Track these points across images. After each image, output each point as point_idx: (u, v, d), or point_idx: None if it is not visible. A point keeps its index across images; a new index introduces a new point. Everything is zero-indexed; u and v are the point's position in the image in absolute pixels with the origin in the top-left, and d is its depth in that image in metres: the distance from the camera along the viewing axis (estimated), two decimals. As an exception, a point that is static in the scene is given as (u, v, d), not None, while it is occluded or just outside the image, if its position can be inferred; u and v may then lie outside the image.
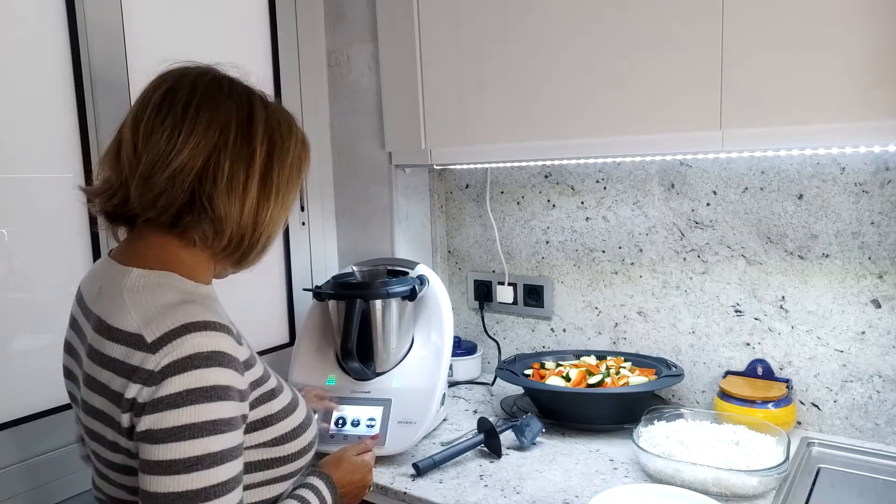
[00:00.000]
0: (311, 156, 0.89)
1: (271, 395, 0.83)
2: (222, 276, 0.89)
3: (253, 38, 1.57)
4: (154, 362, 0.69)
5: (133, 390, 0.70)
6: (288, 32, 1.62)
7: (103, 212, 0.82)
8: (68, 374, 0.87)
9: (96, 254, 1.23)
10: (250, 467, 0.80)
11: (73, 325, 0.85)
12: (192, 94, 0.77)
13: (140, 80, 0.85)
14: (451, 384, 1.66)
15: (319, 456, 1.04)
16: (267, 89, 1.67)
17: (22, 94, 1.13)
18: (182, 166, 0.75)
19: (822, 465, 1.21)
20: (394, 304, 1.34)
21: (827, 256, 1.29)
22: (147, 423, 0.68)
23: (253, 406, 0.79)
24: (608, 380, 1.36)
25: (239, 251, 0.81)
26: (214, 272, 0.86)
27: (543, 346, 1.69)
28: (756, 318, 1.38)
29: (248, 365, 0.78)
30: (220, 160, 0.76)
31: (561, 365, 1.49)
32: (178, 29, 1.37)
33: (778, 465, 1.06)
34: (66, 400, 1.18)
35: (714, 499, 1.01)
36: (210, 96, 0.78)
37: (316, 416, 1.06)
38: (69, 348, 0.86)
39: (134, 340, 0.71)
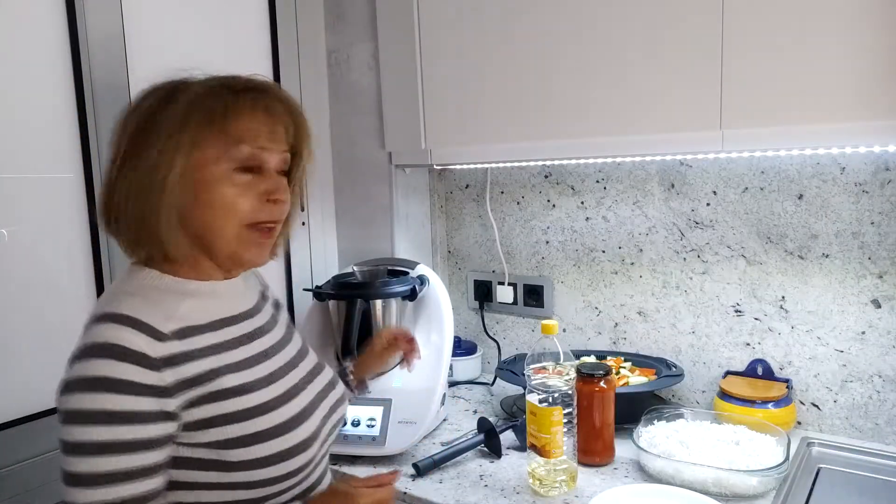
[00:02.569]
0: (233, 104, 0.78)
1: (221, 395, 0.78)
2: (230, 276, 0.87)
3: (253, 38, 1.57)
4: (76, 345, 0.74)
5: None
6: (288, 32, 1.62)
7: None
8: None
9: (96, 254, 1.23)
10: (198, 464, 0.78)
11: None
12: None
13: (140, 80, 0.85)
14: (451, 384, 1.66)
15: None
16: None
17: (22, 94, 1.13)
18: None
19: (822, 465, 1.21)
20: (394, 304, 1.34)
21: (827, 256, 1.29)
22: (56, 402, 0.73)
23: (193, 405, 0.76)
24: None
25: (121, 236, 0.80)
26: (224, 266, 0.84)
27: (543, 347, 1.69)
28: (756, 318, 1.38)
29: (170, 362, 0.74)
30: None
31: (561, 365, 1.49)
32: (177, 29, 1.37)
33: (778, 465, 1.06)
34: (66, 400, 1.20)
35: (714, 499, 1.01)
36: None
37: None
38: None
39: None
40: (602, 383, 1.19)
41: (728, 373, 1.41)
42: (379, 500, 0.89)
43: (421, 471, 1.18)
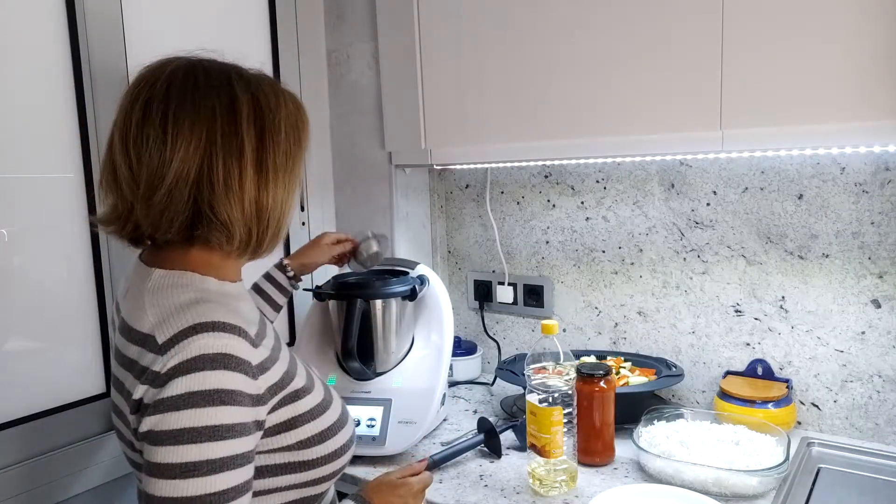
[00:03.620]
0: (306, 116, 0.83)
1: (296, 395, 0.79)
2: (255, 258, 0.86)
3: (253, 38, 1.57)
4: (161, 363, 0.68)
5: (140, 391, 0.69)
6: (288, 32, 1.62)
7: (124, 239, 0.80)
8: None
9: (96, 254, 1.23)
10: (276, 470, 0.78)
11: (114, 327, 0.85)
12: (168, 101, 0.73)
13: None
14: (451, 384, 1.66)
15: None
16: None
17: (22, 93, 1.13)
18: (176, 179, 0.72)
19: (822, 465, 1.21)
20: (394, 304, 1.34)
21: (827, 256, 1.29)
22: (149, 423, 0.67)
23: (274, 409, 0.76)
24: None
25: (251, 246, 0.78)
26: (243, 263, 0.85)
27: (543, 347, 1.69)
28: (756, 318, 1.38)
29: (263, 368, 0.74)
30: (212, 163, 0.72)
31: (561, 365, 1.49)
32: (178, 30, 1.37)
33: (778, 465, 1.06)
34: (66, 400, 1.20)
35: (714, 499, 1.01)
36: (186, 96, 0.74)
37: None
38: (114, 353, 0.85)
39: (147, 341, 0.71)
40: (602, 383, 1.19)
41: (728, 373, 1.41)
42: (426, 483, 0.98)
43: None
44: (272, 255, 0.89)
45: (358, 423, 1.26)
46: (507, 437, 1.29)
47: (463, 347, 1.73)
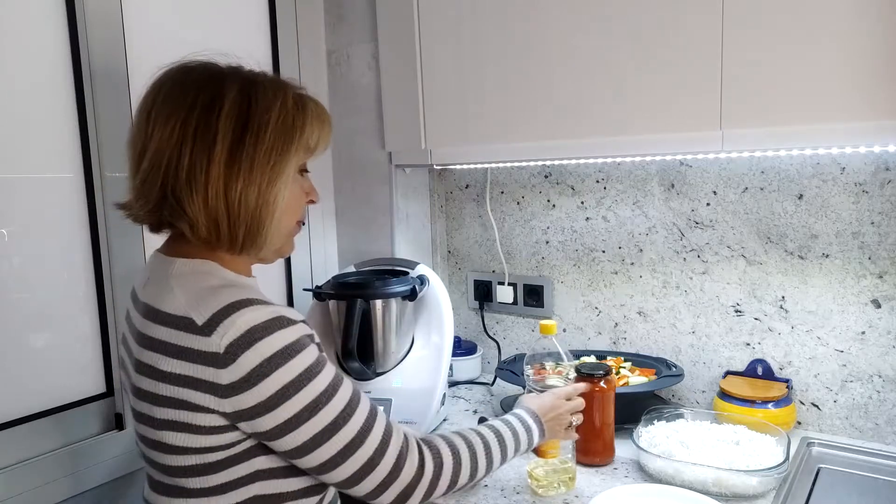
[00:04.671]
0: (320, 120, 0.84)
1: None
2: (266, 263, 0.89)
3: (253, 38, 1.57)
4: (214, 344, 0.71)
5: (203, 372, 0.72)
6: (288, 32, 1.62)
7: (137, 223, 0.83)
8: (122, 364, 0.88)
9: (96, 254, 1.23)
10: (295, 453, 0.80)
11: (127, 318, 0.87)
12: (157, 92, 0.77)
13: (140, 79, 0.85)
14: (451, 384, 1.66)
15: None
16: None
17: (22, 93, 1.13)
18: (149, 166, 0.76)
19: (822, 465, 1.21)
20: (394, 304, 1.34)
21: (827, 256, 1.29)
22: (248, 400, 0.72)
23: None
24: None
25: (224, 241, 0.78)
26: (248, 261, 0.87)
27: (543, 347, 1.69)
28: (756, 318, 1.38)
29: (307, 326, 0.80)
30: (181, 153, 0.75)
31: (561, 365, 1.49)
32: (177, 30, 1.37)
33: (778, 465, 1.06)
34: (66, 399, 1.20)
35: (714, 499, 1.01)
36: (173, 89, 0.77)
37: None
38: (123, 340, 0.88)
39: (184, 323, 0.73)
40: (602, 383, 1.19)
41: (728, 373, 1.41)
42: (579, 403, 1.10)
43: None
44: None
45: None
46: (507, 437, 1.29)
47: (463, 347, 1.73)
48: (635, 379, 1.38)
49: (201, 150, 0.75)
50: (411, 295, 1.34)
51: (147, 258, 0.95)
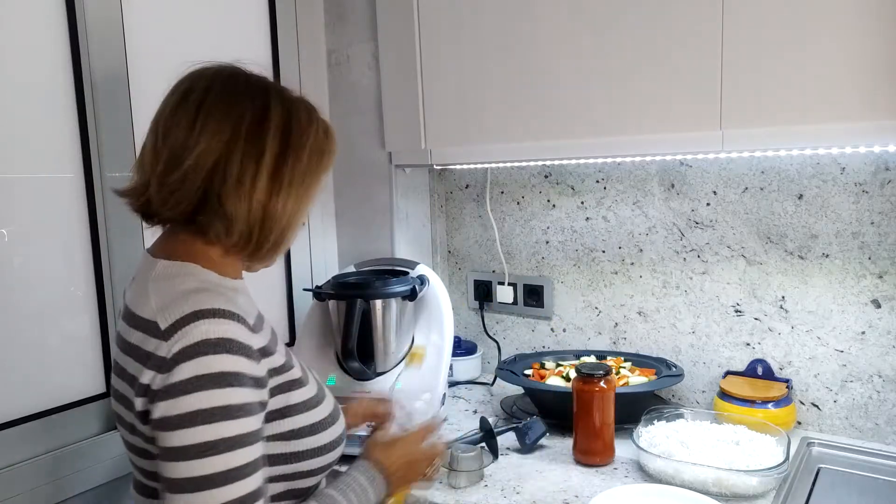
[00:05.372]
0: (335, 147, 0.89)
1: (291, 385, 0.83)
2: (253, 270, 0.89)
3: (253, 38, 1.57)
4: (166, 349, 0.71)
5: (147, 376, 0.72)
6: (288, 32, 1.62)
7: (136, 211, 0.83)
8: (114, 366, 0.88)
9: (96, 253, 1.23)
10: (268, 460, 0.79)
11: (121, 315, 0.87)
12: (206, 93, 0.79)
13: (140, 79, 0.85)
14: (451, 384, 1.66)
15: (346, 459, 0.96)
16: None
17: (22, 93, 1.13)
18: (194, 165, 0.76)
19: (822, 465, 1.21)
20: (394, 304, 1.34)
21: (827, 256, 1.29)
22: (161, 409, 0.70)
23: (273, 393, 0.79)
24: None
25: (249, 247, 0.81)
26: (242, 267, 0.87)
27: (543, 346, 1.69)
28: (756, 318, 1.38)
29: (265, 353, 0.78)
30: (230, 158, 0.77)
31: (561, 365, 1.49)
32: (178, 29, 1.37)
33: (778, 465, 1.06)
34: (67, 399, 1.20)
35: (714, 499, 1.01)
36: (224, 93, 0.79)
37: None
38: (116, 339, 0.87)
39: (150, 327, 0.74)
40: (602, 383, 1.19)
41: (728, 373, 1.41)
42: (437, 450, 1.01)
43: None
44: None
45: (358, 423, 1.26)
46: (509, 438, 1.29)
47: (463, 347, 1.73)
48: (635, 379, 1.38)
49: (251, 159, 0.77)
50: (411, 295, 1.34)
51: None
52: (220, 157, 0.76)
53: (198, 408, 0.69)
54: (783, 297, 1.34)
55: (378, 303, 1.32)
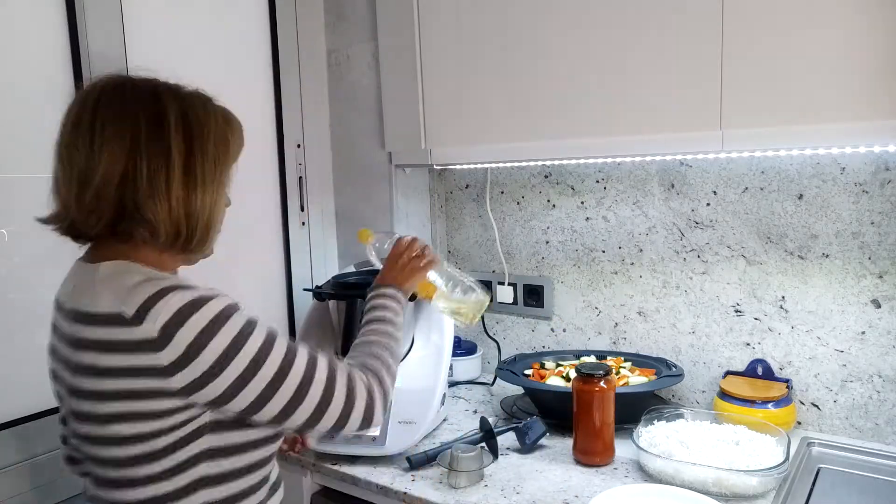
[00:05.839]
0: (239, 129, 0.90)
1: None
2: (192, 263, 0.92)
3: (253, 38, 1.57)
4: (147, 331, 0.75)
5: (141, 359, 0.75)
6: (288, 32, 1.62)
7: (64, 234, 0.86)
8: (54, 376, 0.89)
9: (96, 254, 1.23)
10: (224, 426, 0.82)
11: (54, 329, 0.89)
12: (95, 110, 0.81)
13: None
14: (451, 384, 1.66)
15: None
16: (267, 89, 1.67)
17: (22, 94, 1.13)
18: (103, 182, 0.78)
19: (822, 465, 1.21)
20: (394, 304, 1.34)
21: (827, 256, 1.29)
22: (193, 372, 0.75)
23: None
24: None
25: (179, 242, 0.83)
26: (179, 261, 0.90)
27: (543, 346, 1.69)
28: (756, 318, 1.38)
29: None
30: (136, 165, 0.79)
31: (561, 365, 1.49)
32: (177, 29, 1.37)
33: (778, 465, 1.06)
34: (66, 400, 1.19)
35: (714, 499, 1.01)
36: (113, 105, 0.81)
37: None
38: (53, 351, 0.89)
39: (114, 318, 0.76)
40: (602, 383, 1.19)
41: (728, 373, 1.41)
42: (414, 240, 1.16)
43: (413, 464, 1.19)
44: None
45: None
46: (509, 438, 1.29)
47: (463, 347, 1.73)
48: (635, 379, 1.38)
49: (158, 162, 0.80)
50: (411, 295, 1.34)
51: None
52: (126, 167, 0.78)
53: (223, 347, 0.76)
54: (783, 297, 1.34)
55: (378, 303, 1.32)
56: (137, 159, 0.79)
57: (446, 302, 1.19)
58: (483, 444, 1.24)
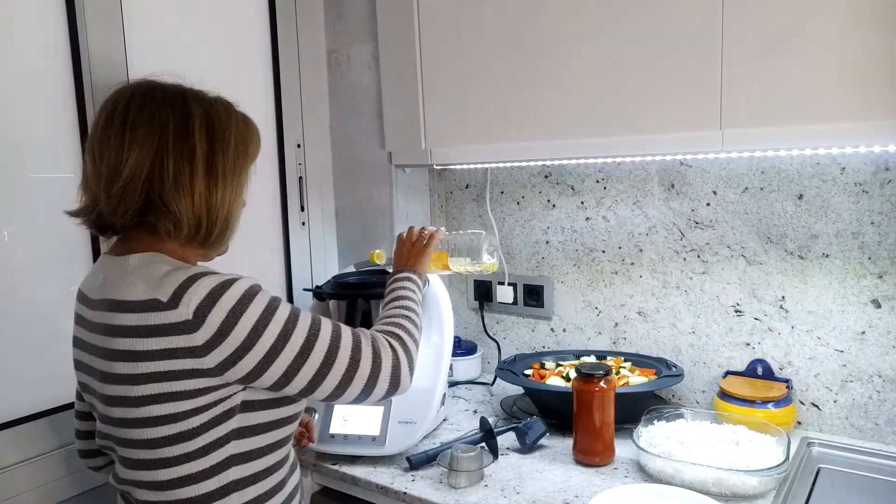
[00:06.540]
0: (257, 134, 0.96)
1: None
2: (208, 259, 0.96)
3: (253, 38, 1.57)
4: (182, 314, 0.79)
5: (178, 341, 0.80)
6: (288, 32, 1.62)
7: (90, 227, 0.92)
8: (79, 366, 0.93)
9: (96, 253, 1.23)
10: (257, 405, 0.87)
11: (79, 320, 0.93)
12: (127, 111, 0.86)
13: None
14: (451, 384, 1.66)
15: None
16: (267, 89, 1.67)
17: (23, 94, 1.13)
18: (131, 176, 0.84)
19: (822, 465, 1.21)
20: (394, 304, 1.34)
21: (827, 256, 1.29)
22: (227, 348, 0.80)
23: None
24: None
25: (199, 236, 0.88)
26: (198, 256, 0.94)
27: (543, 346, 1.69)
28: (756, 318, 1.38)
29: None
30: (163, 162, 0.84)
31: (561, 365, 1.49)
32: (178, 29, 1.37)
33: (778, 465, 1.06)
34: (67, 399, 1.19)
35: (714, 499, 1.01)
36: (144, 106, 0.86)
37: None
38: (77, 342, 0.93)
39: (150, 305, 0.81)
40: (602, 383, 1.19)
41: (728, 373, 1.41)
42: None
43: (413, 464, 1.19)
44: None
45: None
46: (509, 438, 1.29)
47: (463, 347, 1.73)
48: (635, 379, 1.38)
49: (183, 159, 0.85)
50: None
51: None
52: (153, 163, 0.84)
53: (252, 323, 0.81)
54: (783, 297, 1.34)
55: (378, 303, 1.32)
56: (165, 157, 0.84)
57: (463, 264, 1.27)
58: (483, 444, 1.24)
